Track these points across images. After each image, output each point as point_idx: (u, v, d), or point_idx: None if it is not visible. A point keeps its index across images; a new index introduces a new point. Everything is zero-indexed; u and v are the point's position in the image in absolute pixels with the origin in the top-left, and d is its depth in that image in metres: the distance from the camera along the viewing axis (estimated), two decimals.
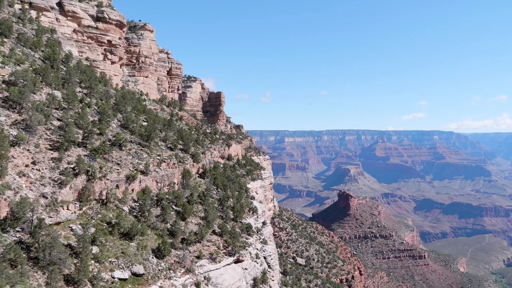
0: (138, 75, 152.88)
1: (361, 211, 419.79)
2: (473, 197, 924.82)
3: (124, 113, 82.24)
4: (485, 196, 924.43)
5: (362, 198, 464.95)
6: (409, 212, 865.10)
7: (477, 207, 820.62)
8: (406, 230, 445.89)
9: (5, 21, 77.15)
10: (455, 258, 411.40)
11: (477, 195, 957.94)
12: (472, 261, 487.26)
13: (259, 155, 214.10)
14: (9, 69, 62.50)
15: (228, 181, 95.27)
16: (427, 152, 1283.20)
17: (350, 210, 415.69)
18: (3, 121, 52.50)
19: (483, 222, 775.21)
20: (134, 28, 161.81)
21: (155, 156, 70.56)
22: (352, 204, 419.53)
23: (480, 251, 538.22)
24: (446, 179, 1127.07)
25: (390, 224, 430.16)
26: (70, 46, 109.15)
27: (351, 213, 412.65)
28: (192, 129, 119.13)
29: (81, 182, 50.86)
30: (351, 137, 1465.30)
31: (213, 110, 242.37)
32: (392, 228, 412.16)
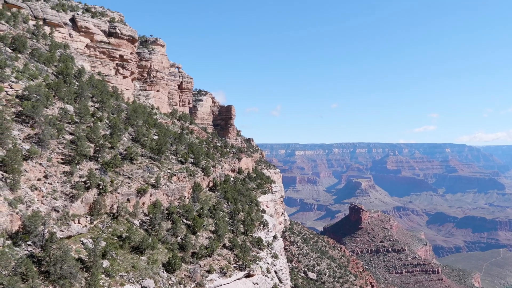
0: (150, 89, 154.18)
1: (373, 224, 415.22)
2: (486, 211, 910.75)
3: (135, 126, 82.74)
4: (499, 210, 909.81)
5: (373, 211, 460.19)
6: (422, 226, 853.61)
7: (491, 220, 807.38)
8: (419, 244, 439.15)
9: (19, 37, 78.57)
10: (469, 273, 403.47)
11: (491, 208, 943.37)
12: (487, 276, 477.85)
13: (270, 168, 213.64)
14: (23, 84, 63.38)
15: (238, 194, 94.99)
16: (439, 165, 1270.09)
17: (362, 223, 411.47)
18: (16, 135, 53.08)
19: (498, 236, 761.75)
20: (145, 43, 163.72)
21: (166, 170, 70.67)
22: (364, 218, 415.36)
23: (495, 265, 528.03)
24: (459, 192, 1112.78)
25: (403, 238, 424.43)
26: (83, 61, 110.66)
27: (362, 226, 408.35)
28: (202, 142, 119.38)
29: (93, 196, 51.02)
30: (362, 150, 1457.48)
31: (224, 124, 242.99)
32: (405, 242, 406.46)
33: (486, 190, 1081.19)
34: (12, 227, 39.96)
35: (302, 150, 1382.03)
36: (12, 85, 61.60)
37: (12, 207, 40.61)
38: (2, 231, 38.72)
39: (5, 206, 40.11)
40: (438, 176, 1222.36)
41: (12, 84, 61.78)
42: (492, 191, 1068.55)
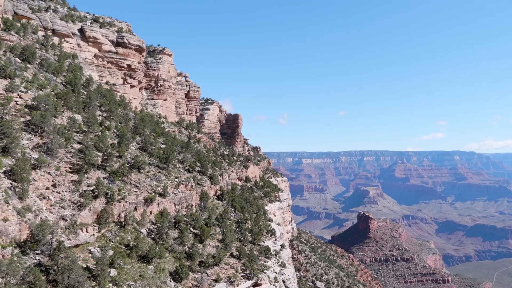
0: (157, 98, 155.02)
1: (381, 233, 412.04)
2: (497, 219, 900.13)
3: (143, 135, 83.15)
4: (509, 218, 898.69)
5: (382, 220, 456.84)
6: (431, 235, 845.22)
7: (502, 229, 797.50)
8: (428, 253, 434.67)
9: (29, 47, 79.56)
10: (480, 283, 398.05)
11: (501, 216, 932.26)
12: (498, 285, 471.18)
13: (277, 176, 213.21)
14: (32, 93, 64.04)
15: (246, 203, 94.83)
16: (448, 173, 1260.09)
17: (370, 232, 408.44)
18: (25, 144, 53.55)
19: (509, 245, 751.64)
20: (153, 52, 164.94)
21: (173, 178, 70.82)
22: (372, 226, 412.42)
23: (507, 275, 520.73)
24: (468, 200, 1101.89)
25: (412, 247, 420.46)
26: (91, 71, 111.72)
27: (371, 235, 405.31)
28: (209, 151, 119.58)
29: (100, 205, 51.19)
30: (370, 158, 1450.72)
31: (231, 132, 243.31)
32: (414, 251, 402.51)
33: (496, 198, 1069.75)
34: (21, 235, 40.17)
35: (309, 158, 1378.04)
36: (21, 95, 62.27)
37: (21, 215, 40.86)
38: (11, 239, 38.93)
39: (13, 215, 40.37)
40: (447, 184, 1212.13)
41: (22, 94, 62.44)
42: (503, 199, 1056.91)
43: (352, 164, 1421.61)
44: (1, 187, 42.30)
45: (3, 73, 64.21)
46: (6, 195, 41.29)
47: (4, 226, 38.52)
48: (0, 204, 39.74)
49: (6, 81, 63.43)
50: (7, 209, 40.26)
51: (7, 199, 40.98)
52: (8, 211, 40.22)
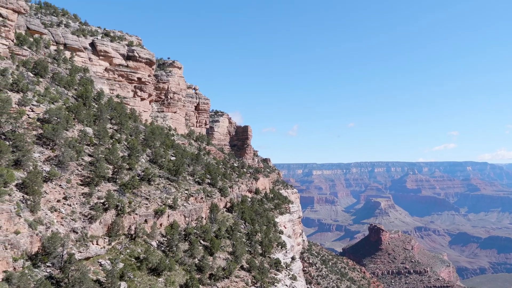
0: (167, 111, 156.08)
1: (393, 245, 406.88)
2: None
3: (153, 148, 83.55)
4: None
5: (394, 232, 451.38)
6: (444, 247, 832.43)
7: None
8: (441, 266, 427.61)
9: (41, 61, 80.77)
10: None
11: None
12: None
13: (287, 188, 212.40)
14: (44, 107, 64.83)
15: (256, 215, 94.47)
16: (460, 184, 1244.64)
17: (382, 244, 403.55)
18: (37, 157, 54.07)
19: None
20: (163, 65, 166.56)
21: (183, 191, 70.89)
22: (384, 238, 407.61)
23: None
24: (482, 212, 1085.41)
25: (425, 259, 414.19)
26: (102, 84, 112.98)
27: (383, 247, 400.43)
28: (219, 163, 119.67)
29: (111, 217, 51.33)
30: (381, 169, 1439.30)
31: (240, 144, 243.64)
32: (427, 264, 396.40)
33: (511, 209, 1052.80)
34: (32, 248, 40.34)
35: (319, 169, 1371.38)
36: (33, 108, 63.07)
37: (32, 228, 41.09)
38: (22, 252, 39.11)
39: (25, 228, 40.61)
40: (460, 195, 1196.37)
41: (34, 108, 63.25)
42: None
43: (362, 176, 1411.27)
44: (13, 200, 42.65)
45: (16, 87, 65.19)
46: (18, 207, 41.59)
47: (15, 238, 38.73)
48: (12, 217, 40.03)
49: (19, 95, 64.35)
50: (19, 222, 40.54)
51: (19, 211, 41.28)
52: (20, 224, 40.49)
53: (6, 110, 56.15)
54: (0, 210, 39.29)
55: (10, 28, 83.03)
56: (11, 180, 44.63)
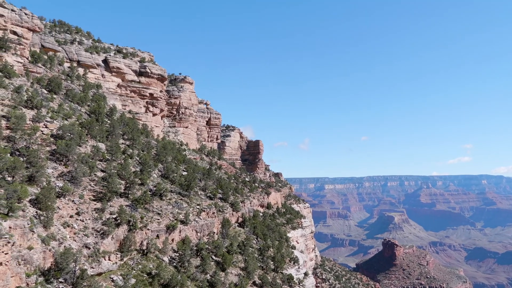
0: (178, 126, 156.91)
1: (408, 261, 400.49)
2: None
3: (165, 163, 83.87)
4: None
5: (408, 247, 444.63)
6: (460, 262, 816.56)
7: None
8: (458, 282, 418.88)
9: (55, 78, 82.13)
10: None
11: None
12: None
13: (299, 203, 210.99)
14: (57, 123, 65.64)
15: (268, 230, 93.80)
16: (475, 198, 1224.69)
17: (396, 259, 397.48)
18: (51, 173, 54.57)
19: None
20: (174, 81, 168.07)
21: (195, 206, 70.80)
22: (398, 254, 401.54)
23: None
24: (498, 226, 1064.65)
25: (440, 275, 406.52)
26: (114, 100, 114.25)
27: (397, 263, 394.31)
28: (231, 177, 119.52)
29: (123, 232, 51.36)
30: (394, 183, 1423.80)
31: (252, 159, 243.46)
32: (443, 279, 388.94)
33: None
34: (45, 264, 40.44)
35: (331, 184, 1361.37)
36: (47, 124, 63.89)
37: (45, 244, 41.24)
38: (35, 268, 39.22)
39: (38, 243, 40.79)
40: (475, 209, 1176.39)
41: (48, 124, 64.07)
42: None
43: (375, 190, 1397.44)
44: (27, 216, 42.94)
45: (30, 104, 66.24)
46: (31, 223, 41.87)
47: (29, 254, 38.90)
48: (25, 233, 40.27)
49: (33, 111, 65.31)
50: (32, 237, 40.75)
51: (32, 227, 41.53)
52: (33, 239, 40.69)
53: (21, 127, 56.99)
54: (14, 226, 39.55)
55: (25, 46, 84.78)
56: (25, 196, 45.03)
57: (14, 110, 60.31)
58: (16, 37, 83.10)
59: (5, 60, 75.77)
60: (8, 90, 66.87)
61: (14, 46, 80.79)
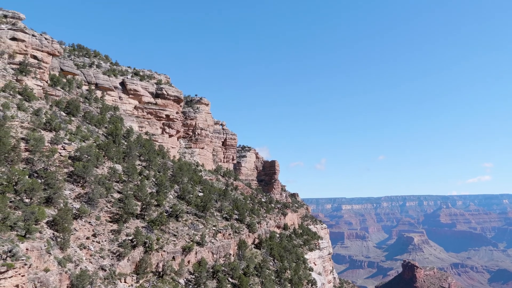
0: (194, 147, 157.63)
1: (428, 283, 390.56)
2: None
3: (181, 184, 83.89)
4: None
5: (429, 268, 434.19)
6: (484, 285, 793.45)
7: None
8: None
9: (73, 101, 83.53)
10: None
11: None
12: None
13: (316, 223, 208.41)
14: (75, 145, 66.38)
15: (284, 251, 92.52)
16: (497, 218, 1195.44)
17: (417, 282, 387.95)
18: (68, 194, 54.88)
19: None
20: (190, 102, 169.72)
21: (211, 227, 70.29)
22: (419, 276, 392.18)
23: None
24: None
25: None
26: (131, 122, 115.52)
27: (418, 285, 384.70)
28: (247, 198, 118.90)
29: (139, 254, 51.06)
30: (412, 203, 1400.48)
31: (268, 179, 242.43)
32: None
33: None
34: (61, 286, 40.22)
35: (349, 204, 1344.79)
36: (65, 146, 64.61)
37: (61, 266, 41.12)
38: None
39: (54, 265, 40.69)
40: (497, 230, 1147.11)
41: (65, 146, 64.79)
42: None
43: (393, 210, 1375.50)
44: (44, 237, 43.00)
45: (49, 126, 67.20)
46: (48, 245, 41.87)
47: (45, 276, 38.76)
48: (42, 254, 40.23)
49: (52, 133, 66.20)
50: (49, 259, 40.69)
51: (49, 249, 41.52)
52: (50, 261, 40.62)
53: (39, 149, 57.73)
54: (31, 248, 39.57)
55: (45, 70, 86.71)
56: (42, 218, 45.21)
57: (33, 133, 61.21)
58: (36, 61, 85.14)
59: (25, 84, 77.42)
60: (27, 113, 68.08)
61: (34, 70, 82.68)
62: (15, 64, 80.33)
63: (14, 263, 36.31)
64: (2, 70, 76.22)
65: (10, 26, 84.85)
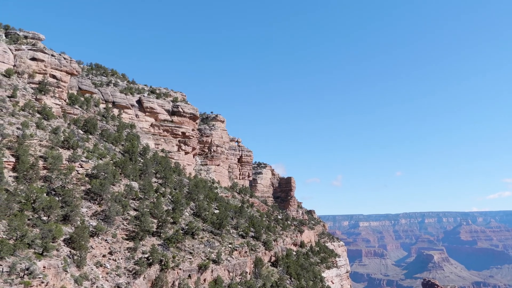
0: (210, 164, 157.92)
1: None
2: None
3: (197, 201, 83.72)
4: None
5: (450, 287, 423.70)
6: None
7: None
8: None
9: (91, 119, 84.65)
10: None
11: None
12: None
13: (333, 241, 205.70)
14: (92, 163, 66.97)
15: (301, 269, 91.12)
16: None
17: None
18: (85, 212, 55.14)
19: None
20: (206, 119, 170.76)
21: (227, 244, 69.69)
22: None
23: None
24: None
25: None
26: (148, 139, 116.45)
27: None
28: (263, 215, 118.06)
29: (155, 272, 50.72)
30: (431, 220, 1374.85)
31: (284, 196, 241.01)
32: None
33: None
34: None
35: (366, 221, 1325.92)
36: (82, 164, 65.24)
37: (78, 284, 41.02)
38: None
39: (71, 283, 40.62)
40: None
41: (83, 163, 65.43)
42: None
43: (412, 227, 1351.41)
44: (60, 255, 43.08)
45: (67, 144, 68.07)
46: (64, 263, 41.90)
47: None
48: (59, 272, 40.23)
49: (69, 151, 67.00)
50: (65, 277, 40.65)
51: (66, 267, 41.52)
52: (66, 279, 40.57)
53: (57, 167, 58.40)
54: (48, 265, 39.64)
55: (63, 89, 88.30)
56: (59, 235, 45.38)
57: (51, 151, 62.02)
58: (55, 81, 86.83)
59: (44, 103, 78.83)
60: (46, 131, 69.11)
61: (53, 89, 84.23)
62: (34, 84, 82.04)
63: (31, 281, 36.40)
64: (22, 89, 77.83)
65: (30, 47, 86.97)
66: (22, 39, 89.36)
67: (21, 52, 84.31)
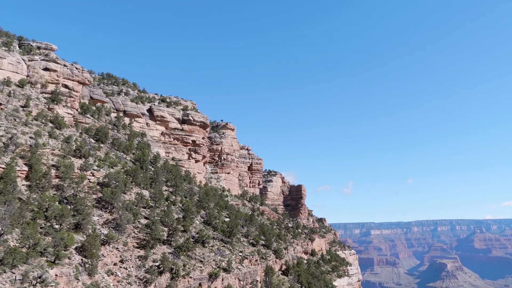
0: (220, 172, 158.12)
1: None
2: None
3: (207, 209, 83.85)
4: None
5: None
6: None
7: None
8: None
9: (102, 128, 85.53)
10: None
11: None
12: None
13: (344, 249, 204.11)
14: (104, 171, 67.50)
15: (312, 278, 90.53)
16: None
17: None
18: (96, 220, 55.53)
19: None
20: (216, 128, 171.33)
21: (237, 253, 69.57)
22: None
23: None
24: None
25: None
26: (158, 148, 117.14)
27: None
28: (273, 223, 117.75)
29: (165, 281, 50.80)
30: (444, 228, 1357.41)
31: (294, 204, 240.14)
32: None
33: None
34: None
35: (378, 229, 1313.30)
36: (94, 173, 65.80)
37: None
38: None
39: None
40: None
41: (94, 172, 65.99)
42: None
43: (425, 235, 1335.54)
44: (72, 263, 43.38)
45: (79, 153, 68.79)
46: (76, 271, 42.18)
47: None
48: (71, 280, 40.51)
49: (81, 160, 67.65)
50: (77, 286, 40.92)
51: (77, 275, 41.78)
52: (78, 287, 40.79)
53: (69, 175, 59.00)
54: (60, 274, 39.93)
55: (75, 98, 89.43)
56: (71, 244, 45.73)
57: (63, 160, 62.68)
58: (67, 90, 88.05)
59: (57, 112, 79.88)
60: (58, 140, 69.94)
61: (65, 98, 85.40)
62: (47, 93, 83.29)
63: None
64: (35, 99, 79.02)
65: (43, 57, 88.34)
66: (35, 50, 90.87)
67: (34, 63, 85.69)
